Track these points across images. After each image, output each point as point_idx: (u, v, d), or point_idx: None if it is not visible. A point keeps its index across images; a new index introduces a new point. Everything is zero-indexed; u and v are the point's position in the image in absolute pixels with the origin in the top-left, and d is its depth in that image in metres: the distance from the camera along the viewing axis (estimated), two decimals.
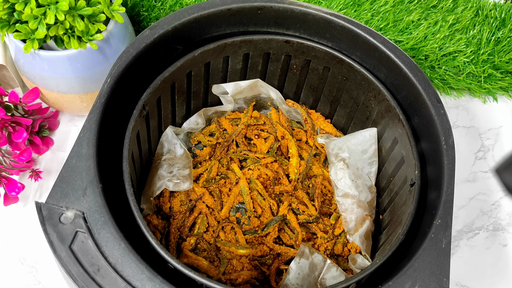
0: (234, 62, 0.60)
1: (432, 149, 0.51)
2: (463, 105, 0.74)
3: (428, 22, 0.71)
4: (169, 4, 0.70)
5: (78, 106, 0.62)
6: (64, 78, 0.58)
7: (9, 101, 0.60)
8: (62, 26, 0.53)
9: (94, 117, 0.47)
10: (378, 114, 0.58)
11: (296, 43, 0.58)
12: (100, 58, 0.58)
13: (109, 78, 0.49)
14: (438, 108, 0.51)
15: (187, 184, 0.57)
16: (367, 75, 0.56)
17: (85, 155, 0.45)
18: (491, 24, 0.72)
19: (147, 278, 0.41)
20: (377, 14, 0.71)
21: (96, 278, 0.41)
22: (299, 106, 0.66)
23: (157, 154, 0.60)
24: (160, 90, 0.54)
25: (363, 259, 0.54)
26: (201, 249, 0.56)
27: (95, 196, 0.44)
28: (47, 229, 0.42)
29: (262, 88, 0.64)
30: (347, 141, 0.60)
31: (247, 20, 0.57)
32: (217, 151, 0.62)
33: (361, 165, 0.60)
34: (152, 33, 0.53)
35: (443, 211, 0.45)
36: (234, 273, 0.53)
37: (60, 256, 0.41)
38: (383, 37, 0.55)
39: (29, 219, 0.60)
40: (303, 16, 0.57)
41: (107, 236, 0.42)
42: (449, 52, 0.70)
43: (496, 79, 0.72)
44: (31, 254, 0.58)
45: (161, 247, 0.43)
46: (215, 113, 0.65)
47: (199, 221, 0.57)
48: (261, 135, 0.64)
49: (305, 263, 0.52)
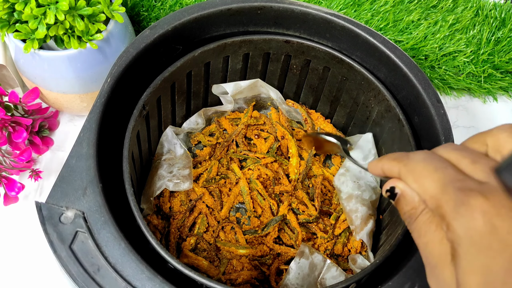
0: (234, 62, 0.60)
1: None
2: (463, 105, 0.74)
3: (428, 22, 0.71)
4: (169, 4, 0.70)
5: (78, 106, 0.62)
6: (64, 78, 0.58)
7: (9, 101, 0.60)
8: (62, 26, 0.53)
9: (94, 117, 0.47)
10: (378, 114, 0.58)
11: (296, 43, 0.58)
12: (100, 58, 0.58)
13: (109, 78, 0.49)
14: (438, 108, 0.51)
15: (187, 184, 0.57)
16: (367, 75, 0.56)
17: (85, 155, 0.45)
18: (491, 24, 0.72)
19: (147, 278, 0.41)
20: (377, 14, 0.71)
21: (96, 278, 0.41)
22: (299, 106, 0.66)
23: (157, 154, 0.60)
24: (160, 90, 0.54)
25: (363, 259, 0.54)
26: (201, 249, 0.56)
27: (95, 196, 0.44)
28: (47, 229, 0.42)
29: (262, 88, 0.64)
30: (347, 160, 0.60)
31: (247, 20, 0.57)
32: (217, 151, 0.62)
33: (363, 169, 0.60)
34: (152, 33, 0.53)
35: None
36: (234, 273, 0.53)
37: (60, 256, 0.41)
38: (383, 37, 0.55)
39: (29, 219, 0.60)
40: (303, 16, 0.57)
41: (107, 236, 0.42)
42: (449, 52, 0.70)
43: (496, 79, 0.72)
44: (31, 254, 0.58)
45: (161, 247, 0.43)
46: (215, 113, 0.65)
47: (199, 221, 0.57)
48: (261, 135, 0.64)
49: (305, 263, 0.52)
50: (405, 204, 0.33)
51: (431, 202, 0.30)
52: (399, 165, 0.33)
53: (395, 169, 0.33)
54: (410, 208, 0.32)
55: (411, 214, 0.32)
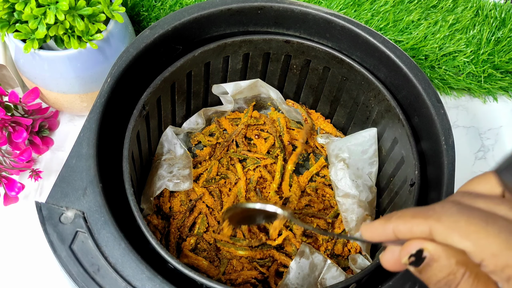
0: (234, 62, 0.60)
1: (432, 149, 0.51)
2: (463, 105, 0.74)
3: (428, 22, 0.71)
4: (169, 4, 0.70)
5: (78, 106, 0.62)
6: (64, 78, 0.58)
7: (9, 101, 0.60)
8: (62, 26, 0.53)
9: (94, 117, 0.47)
10: (378, 114, 0.58)
11: (296, 43, 0.58)
12: (100, 58, 0.58)
13: (109, 78, 0.49)
14: (438, 108, 0.51)
15: (187, 184, 0.57)
16: (367, 75, 0.56)
17: (85, 155, 0.45)
18: (491, 24, 0.72)
19: (147, 278, 0.41)
20: (377, 14, 0.71)
21: (96, 278, 0.41)
22: (299, 106, 0.66)
23: (157, 154, 0.60)
24: (160, 90, 0.54)
25: (363, 259, 0.54)
26: (201, 249, 0.56)
27: (95, 196, 0.44)
28: (47, 229, 0.42)
29: (262, 88, 0.64)
30: (347, 141, 0.60)
31: (247, 20, 0.57)
32: (217, 151, 0.62)
33: (361, 165, 0.60)
34: (152, 33, 0.53)
35: None
36: (234, 273, 0.53)
37: (60, 256, 0.41)
38: (383, 37, 0.55)
39: (29, 219, 0.60)
40: (303, 16, 0.57)
41: (107, 236, 0.42)
42: (449, 52, 0.70)
43: (496, 79, 0.72)
44: (31, 254, 0.58)
45: (161, 247, 0.43)
46: (215, 113, 0.65)
47: (199, 221, 0.57)
48: (261, 135, 0.64)
49: (305, 263, 0.52)
50: (439, 270, 0.27)
51: (493, 261, 0.25)
52: (428, 222, 0.27)
53: (421, 228, 0.27)
54: (447, 274, 0.27)
55: (449, 281, 0.27)
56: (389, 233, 0.29)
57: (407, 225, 0.28)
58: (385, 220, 0.29)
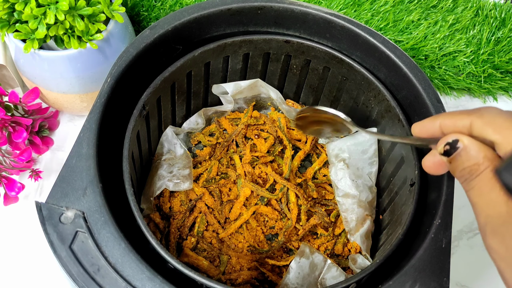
0: (234, 62, 0.60)
1: None
2: (463, 105, 0.74)
3: (428, 22, 0.71)
4: (169, 4, 0.70)
5: (78, 106, 0.62)
6: (64, 78, 0.58)
7: (9, 101, 0.60)
8: (62, 26, 0.53)
9: (94, 117, 0.47)
10: (378, 114, 0.58)
11: (296, 43, 0.58)
12: (100, 58, 0.58)
13: (109, 78, 0.49)
14: (438, 108, 0.51)
15: (187, 184, 0.57)
16: (367, 75, 0.56)
17: (85, 155, 0.45)
18: (491, 24, 0.72)
19: (147, 278, 0.41)
20: (377, 14, 0.71)
21: (96, 278, 0.41)
22: (299, 106, 0.66)
23: (157, 154, 0.60)
24: (160, 90, 0.54)
25: (363, 259, 0.54)
26: (201, 248, 0.56)
27: (95, 196, 0.44)
28: (47, 229, 0.42)
29: (262, 88, 0.64)
30: (347, 141, 0.60)
31: (247, 20, 0.57)
32: (217, 151, 0.62)
33: (361, 165, 0.60)
34: (152, 33, 0.53)
35: (443, 211, 0.45)
36: (234, 273, 0.53)
37: (60, 256, 0.41)
38: (383, 37, 0.55)
39: (29, 219, 0.60)
40: (303, 16, 0.57)
41: (107, 236, 0.42)
42: (449, 52, 0.70)
43: (496, 79, 0.72)
44: (31, 254, 0.58)
45: (161, 247, 0.43)
46: (215, 113, 0.65)
47: (198, 220, 0.57)
48: (261, 135, 0.64)
49: (306, 263, 0.52)
50: (467, 159, 0.31)
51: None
52: (471, 117, 0.32)
53: (463, 121, 0.32)
54: (472, 164, 0.31)
55: (472, 170, 0.31)
56: (436, 128, 0.33)
57: (453, 119, 0.32)
58: (434, 117, 0.33)
